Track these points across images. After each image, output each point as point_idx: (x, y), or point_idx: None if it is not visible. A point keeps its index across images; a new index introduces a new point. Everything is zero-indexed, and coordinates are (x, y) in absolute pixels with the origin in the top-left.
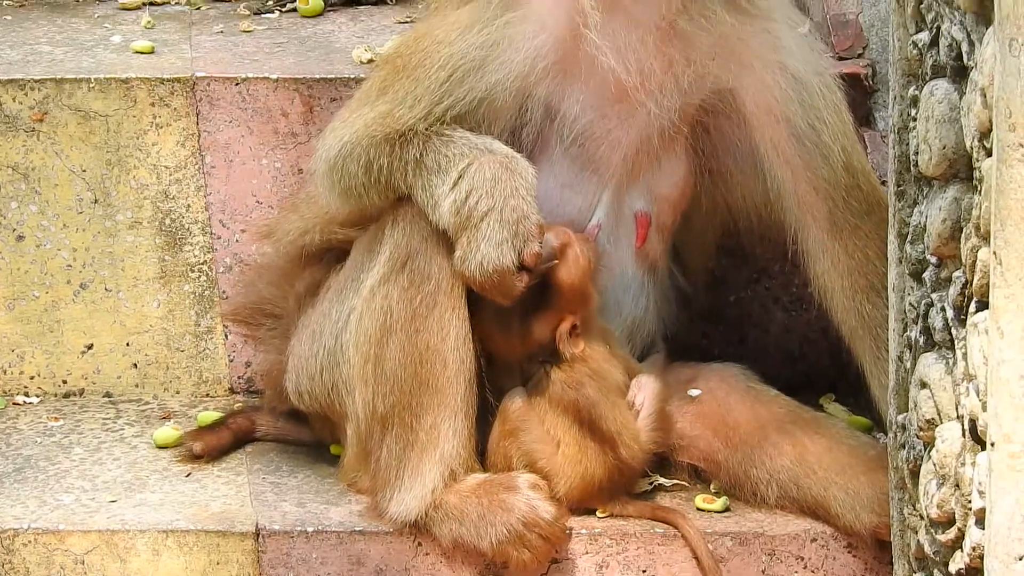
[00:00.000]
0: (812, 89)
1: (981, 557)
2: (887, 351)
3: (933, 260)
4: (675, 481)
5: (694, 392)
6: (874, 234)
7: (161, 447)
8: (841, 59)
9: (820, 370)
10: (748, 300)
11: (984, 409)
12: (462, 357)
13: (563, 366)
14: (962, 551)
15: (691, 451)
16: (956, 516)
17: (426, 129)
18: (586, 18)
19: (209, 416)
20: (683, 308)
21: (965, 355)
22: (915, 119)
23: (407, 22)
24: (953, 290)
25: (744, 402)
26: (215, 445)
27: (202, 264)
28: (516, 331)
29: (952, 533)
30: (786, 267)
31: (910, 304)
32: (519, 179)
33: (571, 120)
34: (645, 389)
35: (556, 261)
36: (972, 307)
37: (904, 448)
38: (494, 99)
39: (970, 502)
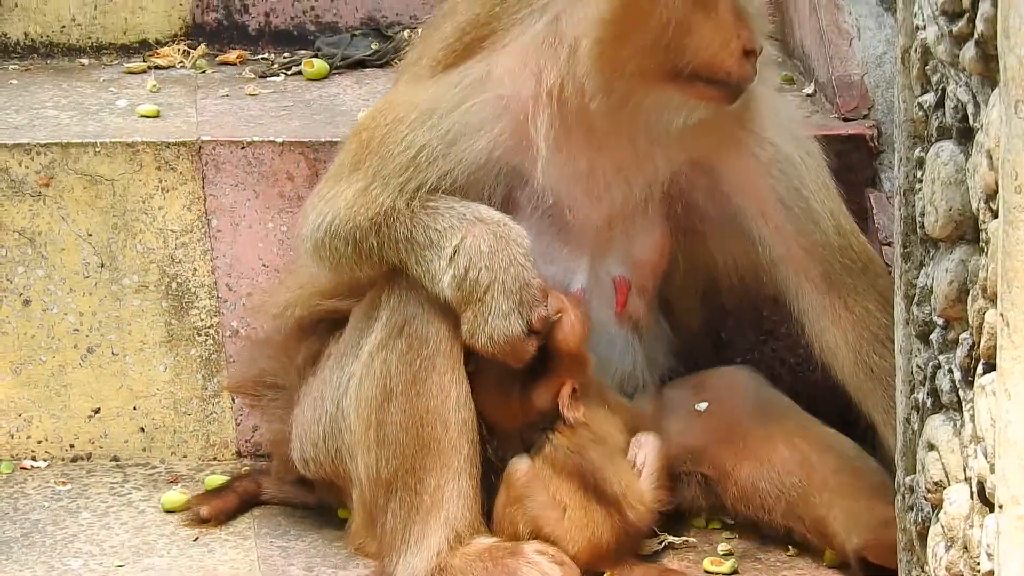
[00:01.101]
0: (794, 158)
1: None
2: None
3: (940, 322)
4: (684, 539)
5: (701, 406)
6: (871, 289)
7: (169, 511)
8: (846, 120)
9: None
10: (755, 362)
11: (992, 471)
12: (463, 418)
13: (564, 431)
14: None
15: (700, 460)
16: None
17: (407, 205)
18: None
19: (216, 480)
20: (676, 358)
21: (973, 417)
22: (921, 181)
23: None
24: (960, 352)
25: (753, 412)
26: (222, 509)
27: (208, 328)
28: (516, 400)
29: None
30: (792, 328)
31: (917, 366)
32: (514, 246)
33: (540, 193)
34: (645, 447)
35: (552, 328)
36: (979, 369)
37: (912, 510)
38: (464, 173)
39: (979, 564)
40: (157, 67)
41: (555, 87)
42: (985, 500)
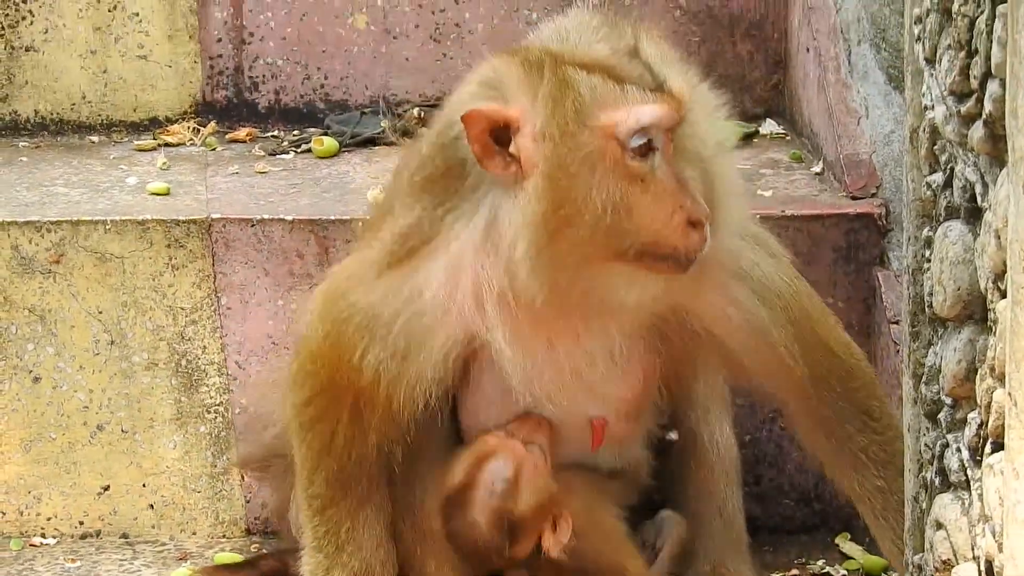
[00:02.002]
0: (774, 285)
1: None
2: (884, 518)
3: (948, 401)
4: None
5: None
6: (852, 408)
7: None
8: (855, 198)
9: (835, 509)
10: (763, 440)
11: (1000, 550)
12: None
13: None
14: None
15: None
16: None
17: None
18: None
19: (226, 557)
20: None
21: (981, 496)
22: (929, 260)
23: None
24: (968, 431)
25: None
26: None
27: (218, 405)
28: (501, 560)
29: None
30: None
31: (925, 445)
32: None
33: (499, 371)
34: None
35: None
36: (988, 448)
37: None
38: (423, 380)
39: None
40: (167, 144)
41: (497, 292)
42: None
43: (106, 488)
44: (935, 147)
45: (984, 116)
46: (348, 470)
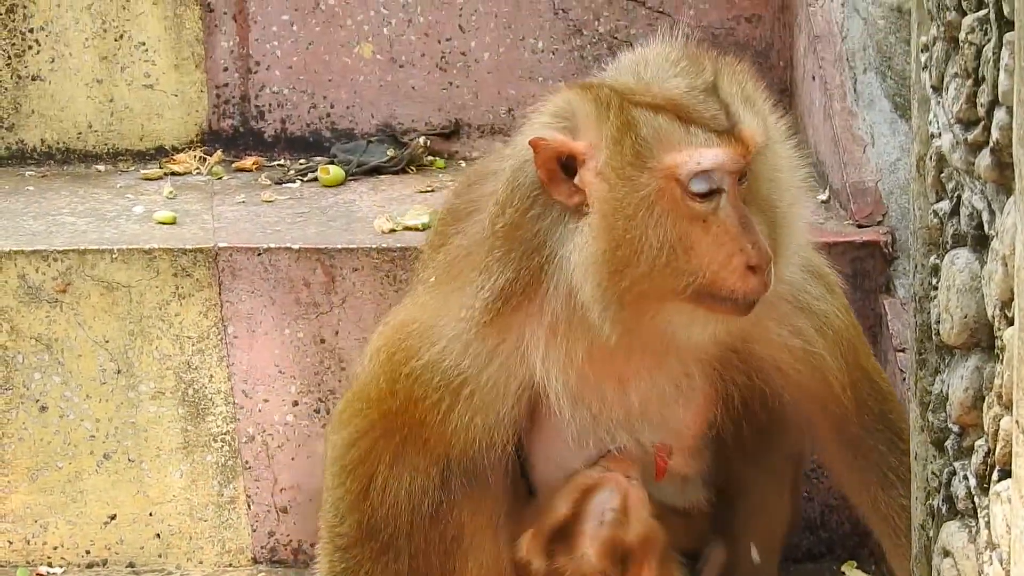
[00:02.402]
0: (831, 319)
1: None
2: (905, 536)
3: (955, 429)
4: None
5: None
6: (885, 430)
7: None
8: (860, 226)
9: (841, 537)
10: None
11: None
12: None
13: None
14: None
15: None
16: None
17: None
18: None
19: None
20: None
21: (988, 523)
22: (936, 288)
23: (428, 191)
24: (975, 459)
25: None
26: None
27: (224, 434)
28: None
29: None
30: None
31: (932, 472)
32: None
33: (566, 400)
34: None
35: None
36: (995, 476)
37: None
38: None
39: None
40: (174, 173)
41: (571, 340)
42: None
43: (112, 517)
44: (942, 175)
45: (991, 144)
46: (379, 516)
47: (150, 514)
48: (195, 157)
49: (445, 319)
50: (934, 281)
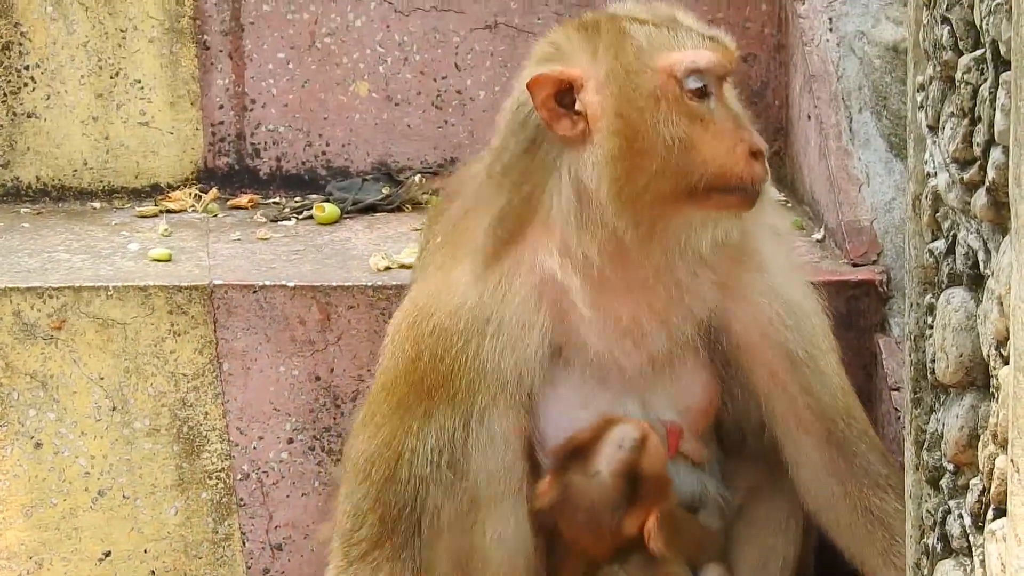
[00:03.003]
0: (804, 311)
1: None
2: (900, 540)
3: (950, 467)
4: None
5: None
6: (873, 448)
7: None
8: (856, 265)
9: None
10: None
11: None
12: (514, 561)
13: (634, 570)
14: None
15: None
16: None
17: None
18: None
19: None
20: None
21: (983, 562)
22: (932, 327)
23: (423, 230)
24: (970, 497)
25: None
26: None
27: (220, 471)
28: (608, 528)
29: None
30: None
31: (927, 511)
32: None
33: (583, 351)
34: None
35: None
36: (990, 514)
37: None
38: (518, 372)
39: None
40: (169, 211)
41: (585, 249)
42: None
43: (107, 554)
44: (938, 214)
45: (987, 183)
46: (403, 500)
47: (145, 551)
48: (190, 195)
49: (458, 271)
50: (929, 320)
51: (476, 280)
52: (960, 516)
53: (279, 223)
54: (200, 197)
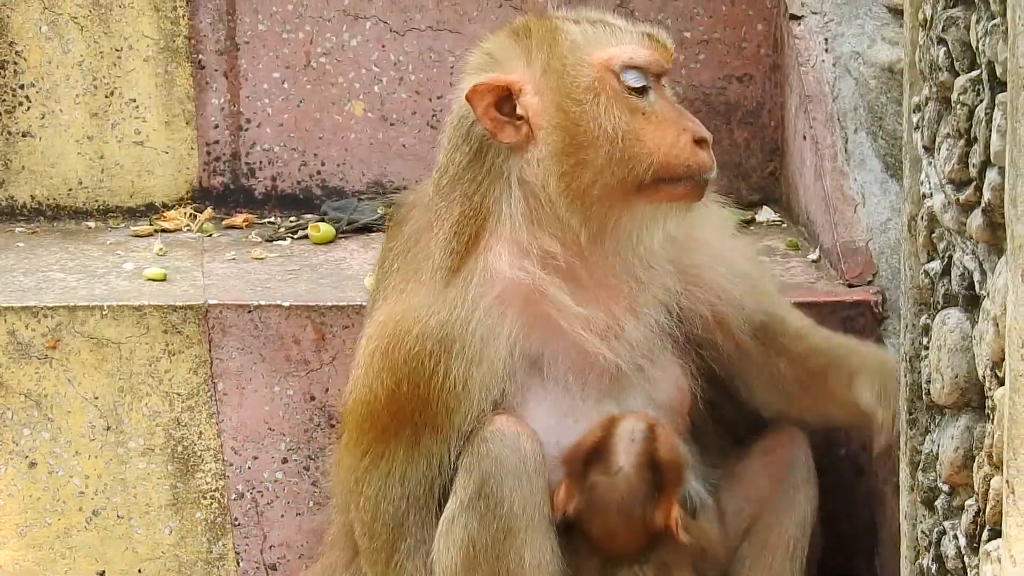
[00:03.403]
0: (758, 278)
1: None
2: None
3: (945, 488)
4: None
5: None
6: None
7: None
8: (851, 286)
9: None
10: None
11: None
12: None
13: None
14: None
15: None
16: None
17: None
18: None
19: None
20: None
21: None
22: (927, 348)
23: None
24: (965, 518)
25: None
26: None
27: (214, 491)
28: (639, 522)
29: None
30: None
31: (922, 532)
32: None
33: (557, 360)
34: None
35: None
36: (985, 535)
37: None
38: (492, 380)
39: None
40: (164, 230)
41: (545, 246)
42: None
43: (102, 573)
44: (933, 235)
45: (983, 204)
46: (403, 510)
47: (139, 571)
48: (185, 214)
49: (421, 292)
50: (925, 341)
51: (437, 298)
52: (955, 537)
53: (274, 243)
54: (195, 216)
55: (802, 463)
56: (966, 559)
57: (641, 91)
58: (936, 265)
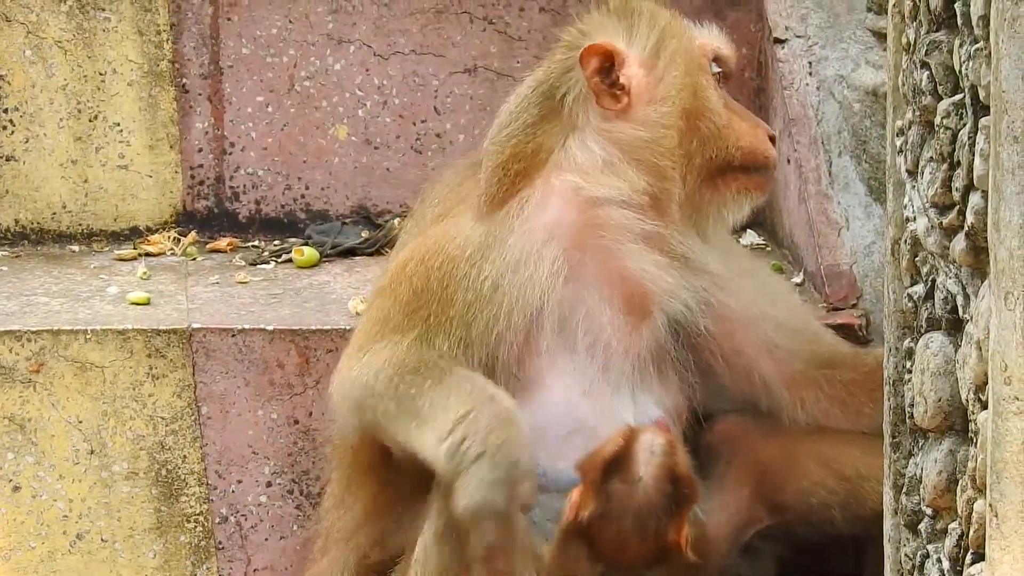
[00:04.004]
0: (779, 289)
1: None
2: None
3: (929, 512)
4: None
5: None
6: (865, 382)
7: None
8: (835, 309)
9: None
10: None
11: None
12: None
13: None
14: None
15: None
16: None
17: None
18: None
19: None
20: None
21: None
22: (910, 371)
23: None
24: (949, 542)
25: (765, 435)
26: None
27: (198, 515)
28: (652, 534)
29: None
30: None
31: (906, 555)
32: (513, 428)
33: (585, 328)
34: None
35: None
36: (968, 558)
37: None
38: (516, 316)
39: None
40: (148, 254)
41: (618, 194)
42: None
43: None
44: (916, 258)
45: (966, 228)
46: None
47: None
48: (169, 238)
49: (467, 214)
50: (908, 364)
51: (483, 219)
52: (939, 560)
53: (258, 266)
54: (179, 240)
55: None
56: None
57: (720, 82)
58: (919, 289)
